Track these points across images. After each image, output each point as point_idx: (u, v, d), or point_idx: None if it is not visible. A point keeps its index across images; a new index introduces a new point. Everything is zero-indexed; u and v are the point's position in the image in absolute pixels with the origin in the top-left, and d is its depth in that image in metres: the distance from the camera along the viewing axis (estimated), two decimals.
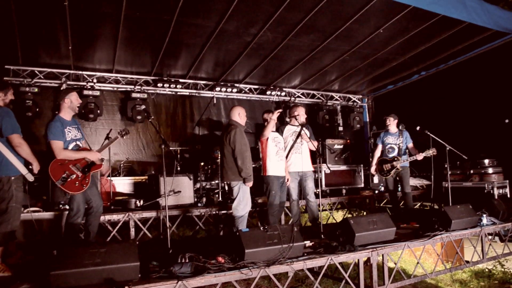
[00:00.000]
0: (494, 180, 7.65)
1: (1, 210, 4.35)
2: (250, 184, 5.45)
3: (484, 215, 6.21)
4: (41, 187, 6.27)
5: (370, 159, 10.40)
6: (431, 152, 6.88)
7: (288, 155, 6.36)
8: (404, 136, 7.33)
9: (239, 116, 5.71)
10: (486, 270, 6.80)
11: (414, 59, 9.10)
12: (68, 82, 8.51)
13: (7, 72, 8.06)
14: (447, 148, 6.88)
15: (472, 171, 8.03)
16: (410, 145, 7.33)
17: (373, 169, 7.67)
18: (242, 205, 5.50)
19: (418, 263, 5.30)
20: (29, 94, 8.01)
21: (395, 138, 7.41)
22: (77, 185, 4.76)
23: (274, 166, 6.05)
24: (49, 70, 8.41)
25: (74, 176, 4.76)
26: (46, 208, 6.09)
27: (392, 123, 7.48)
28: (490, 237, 6.35)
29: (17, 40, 6.93)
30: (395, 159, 7.23)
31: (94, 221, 5.11)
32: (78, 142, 5.01)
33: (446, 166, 7.12)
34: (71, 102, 4.94)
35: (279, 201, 6.22)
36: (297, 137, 6.29)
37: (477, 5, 6.68)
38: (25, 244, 5.44)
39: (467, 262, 6.02)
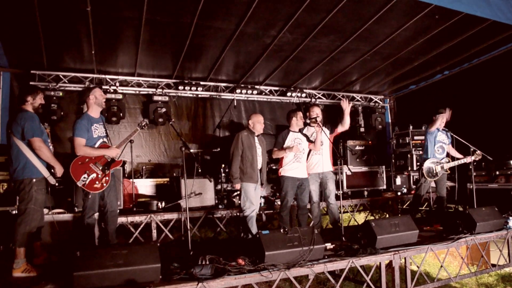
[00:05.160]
0: None
1: (20, 210, 4.47)
2: (236, 186, 5.92)
3: (511, 218, 6.05)
4: (66, 189, 6.40)
5: (393, 160, 10.29)
6: (478, 156, 6.70)
7: (308, 156, 6.34)
8: (449, 136, 6.97)
9: (251, 123, 6.09)
10: None
11: (437, 59, 8.94)
12: (86, 86, 8.67)
13: (33, 77, 8.27)
14: (471, 149, 6.73)
15: (497, 172, 7.83)
16: (450, 146, 7.03)
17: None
18: (248, 204, 5.81)
19: (442, 266, 5.20)
20: (54, 98, 8.20)
21: (445, 137, 6.94)
22: (98, 184, 4.85)
23: (290, 167, 6.11)
24: (73, 74, 8.60)
25: (95, 175, 4.83)
26: (70, 210, 6.22)
27: (445, 119, 6.90)
28: None
29: (42, 45, 7.11)
30: (447, 161, 6.88)
31: (111, 222, 5.17)
32: (104, 139, 5.10)
33: (470, 167, 6.96)
34: (96, 98, 5.02)
35: (298, 203, 6.25)
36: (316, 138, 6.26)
37: (501, 2, 6.51)
38: (50, 245, 5.55)
39: (493, 265, 5.88)
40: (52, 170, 4.66)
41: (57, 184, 4.92)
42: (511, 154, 7.80)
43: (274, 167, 8.21)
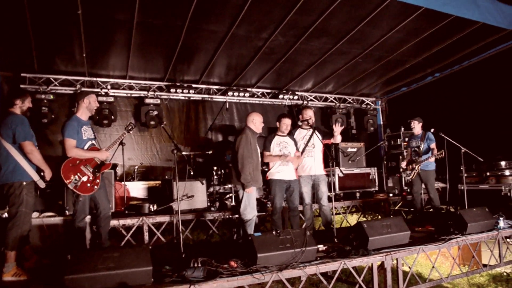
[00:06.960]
0: (511, 182, 7.50)
1: (11, 214, 4.43)
2: (250, 190, 5.47)
3: (501, 218, 6.11)
4: (57, 192, 6.36)
5: (385, 162, 10.35)
6: (438, 155, 6.87)
7: None
8: (426, 138, 7.28)
9: (253, 122, 5.77)
10: (504, 274, 6.66)
11: (427, 61, 9.01)
12: (83, 89, 8.63)
13: (23, 80, 8.20)
14: (463, 150, 6.78)
15: (488, 173, 7.90)
16: (432, 146, 7.25)
17: (403, 164, 7.70)
18: (249, 208, 5.56)
19: (433, 267, 5.23)
20: (45, 101, 8.12)
21: (417, 141, 7.41)
22: (88, 186, 4.84)
23: (276, 170, 6.04)
24: (64, 77, 8.53)
25: (86, 178, 4.82)
26: (61, 213, 6.17)
27: (416, 126, 7.42)
28: (508, 240, 6.23)
29: (33, 48, 7.06)
30: (415, 161, 7.28)
31: (104, 224, 5.15)
32: (93, 142, 5.07)
33: (461, 168, 7.01)
34: (90, 103, 5.01)
35: (288, 205, 6.23)
36: (309, 140, 6.27)
37: (490, 5, 6.59)
38: (41, 248, 5.51)
39: (484, 265, 5.92)
40: (42, 173, 4.63)
41: (45, 188, 4.88)
42: (502, 155, 7.87)
43: (266, 170, 8.22)
